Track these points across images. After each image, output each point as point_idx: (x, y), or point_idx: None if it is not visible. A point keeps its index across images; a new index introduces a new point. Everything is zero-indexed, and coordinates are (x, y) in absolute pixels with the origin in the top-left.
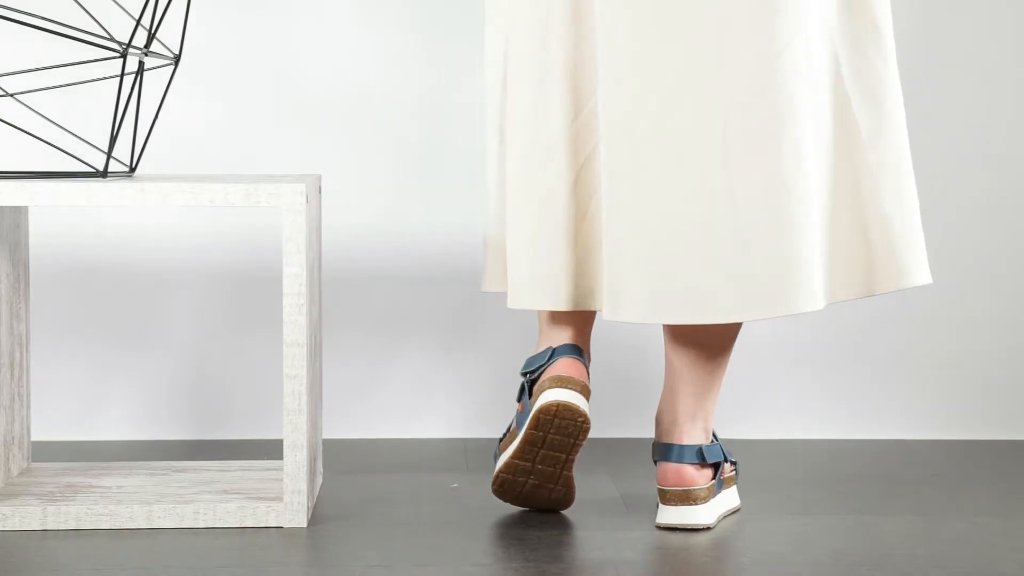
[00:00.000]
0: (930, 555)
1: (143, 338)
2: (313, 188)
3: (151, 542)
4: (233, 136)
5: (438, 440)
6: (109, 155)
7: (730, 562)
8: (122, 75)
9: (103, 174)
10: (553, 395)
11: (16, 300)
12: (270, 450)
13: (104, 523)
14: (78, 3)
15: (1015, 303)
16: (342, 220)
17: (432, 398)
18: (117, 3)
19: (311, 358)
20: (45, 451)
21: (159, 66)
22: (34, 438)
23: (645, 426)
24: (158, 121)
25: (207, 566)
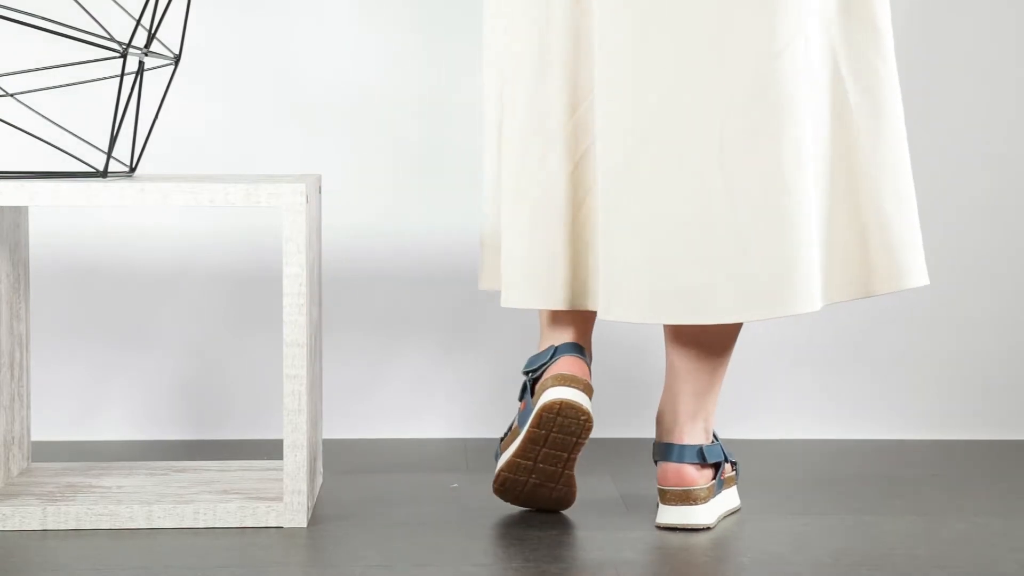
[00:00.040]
0: (930, 555)
1: (143, 338)
2: (313, 188)
3: (151, 542)
4: (233, 136)
5: (438, 440)
6: (109, 155)
7: (730, 562)
8: (122, 75)
9: (103, 174)
10: (556, 393)
11: (16, 300)
12: (270, 450)
13: (104, 523)
14: (78, 3)
15: (1015, 303)
16: (342, 220)
17: (432, 398)
18: (117, 3)
19: (311, 358)
20: (45, 451)
21: (159, 66)
22: (34, 438)
23: (645, 426)
24: (158, 121)
25: (207, 566)
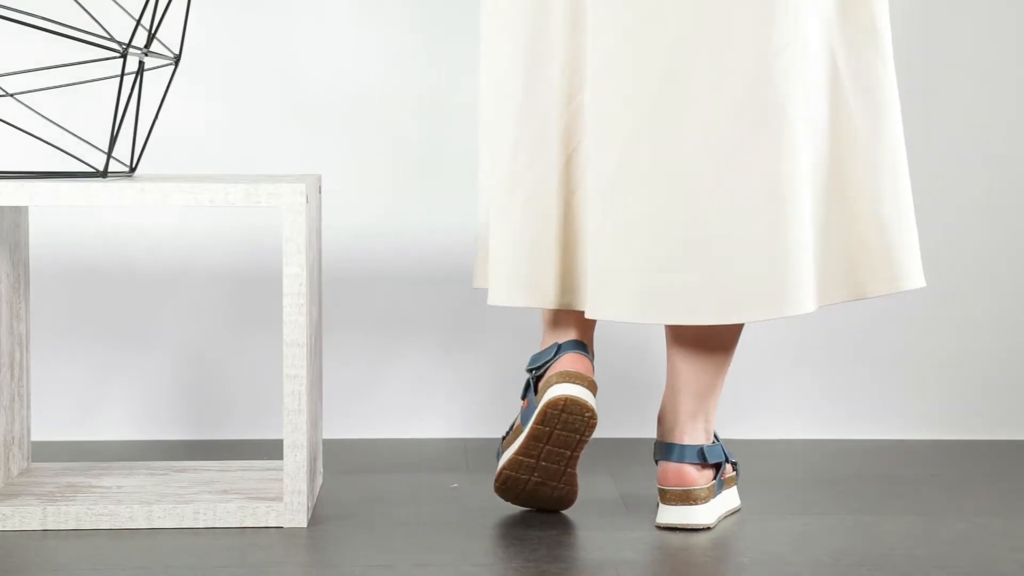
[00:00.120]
0: (930, 555)
1: (143, 338)
2: (313, 188)
3: (151, 542)
4: (233, 136)
5: (438, 440)
6: (109, 155)
7: (730, 562)
8: (122, 75)
9: (103, 174)
10: (560, 390)
11: (16, 300)
12: (270, 450)
13: (104, 523)
14: (78, 3)
15: (1015, 303)
16: (342, 220)
17: (432, 398)
18: (117, 3)
19: (311, 358)
20: (45, 451)
21: (159, 66)
22: (34, 438)
23: (645, 426)
24: (158, 121)
25: (207, 566)
